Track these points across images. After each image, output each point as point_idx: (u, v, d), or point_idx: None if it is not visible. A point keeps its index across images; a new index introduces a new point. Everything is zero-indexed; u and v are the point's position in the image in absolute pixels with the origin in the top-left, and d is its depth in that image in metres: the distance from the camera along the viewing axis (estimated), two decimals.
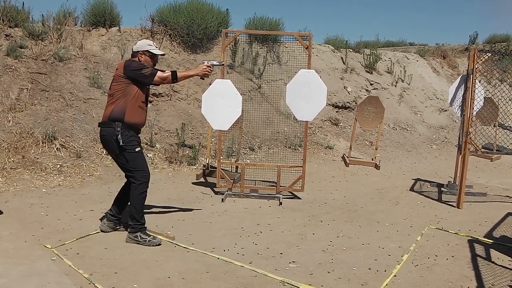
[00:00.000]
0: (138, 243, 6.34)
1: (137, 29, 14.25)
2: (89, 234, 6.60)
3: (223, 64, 8.02)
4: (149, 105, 12.18)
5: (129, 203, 6.63)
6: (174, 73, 6.63)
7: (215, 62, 7.23)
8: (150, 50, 6.56)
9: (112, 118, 6.34)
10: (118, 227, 6.86)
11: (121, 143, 6.28)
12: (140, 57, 6.53)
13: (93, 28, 13.69)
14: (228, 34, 9.52)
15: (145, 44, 6.60)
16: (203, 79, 7.16)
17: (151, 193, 8.71)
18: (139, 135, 6.65)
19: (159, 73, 6.51)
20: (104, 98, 11.53)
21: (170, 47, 14.16)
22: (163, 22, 14.40)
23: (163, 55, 7.04)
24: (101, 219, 7.10)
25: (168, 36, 14.34)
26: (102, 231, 6.76)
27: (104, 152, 10.15)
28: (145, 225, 6.59)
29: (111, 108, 6.36)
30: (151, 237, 6.42)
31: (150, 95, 12.46)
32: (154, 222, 7.18)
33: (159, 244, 6.33)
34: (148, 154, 10.70)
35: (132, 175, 6.52)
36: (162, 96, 12.75)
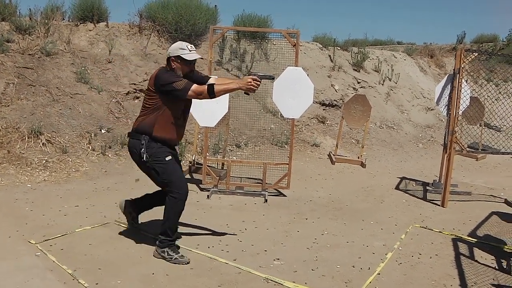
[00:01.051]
0: (165, 259, 5.77)
1: (125, 25, 14.20)
2: (74, 230, 6.57)
3: (273, 78, 6.35)
4: (135, 100, 12.24)
5: (163, 216, 5.95)
6: (211, 87, 5.69)
7: (261, 74, 5.96)
8: (182, 55, 5.80)
9: (140, 131, 5.85)
10: (135, 224, 6.71)
11: (143, 158, 5.78)
12: (172, 64, 5.84)
13: (80, 23, 13.62)
14: (216, 31, 9.52)
15: (176, 48, 5.86)
16: (248, 94, 5.96)
17: (136, 188, 8.75)
18: (175, 146, 6.18)
19: (194, 87, 5.67)
20: (91, 93, 11.53)
21: (158, 43, 14.12)
22: (151, 18, 14.36)
23: (200, 58, 6.13)
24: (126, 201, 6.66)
25: (156, 32, 14.30)
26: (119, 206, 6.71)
27: (90, 147, 10.12)
28: (175, 242, 6.05)
29: (141, 120, 5.87)
30: (179, 254, 5.81)
31: (137, 90, 12.45)
32: (140, 219, 7.15)
33: (188, 263, 5.73)
34: None
35: (168, 189, 5.91)
36: None
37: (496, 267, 6.17)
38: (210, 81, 6.19)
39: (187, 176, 9.96)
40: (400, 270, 5.94)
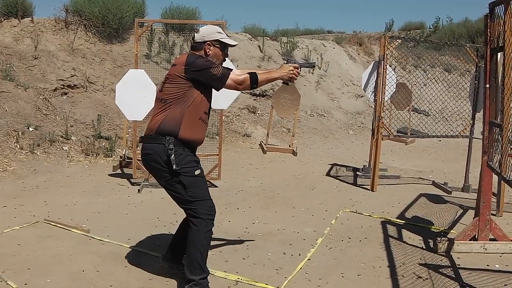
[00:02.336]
0: None
1: (51, 20, 13.94)
2: (2, 231, 6.41)
3: (313, 66, 6.11)
4: (64, 96, 12.07)
5: (188, 250, 4.81)
6: (253, 75, 4.88)
7: (302, 61, 5.49)
8: (222, 40, 4.93)
9: (162, 131, 4.70)
10: (174, 271, 5.23)
11: (174, 166, 4.62)
12: (207, 50, 4.87)
13: (4, 19, 13.32)
14: (142, 24, 9.45)
15: (213, 31, 4.95)
16: (287, 84, 5.31)
17: (66, 186, 8.63)
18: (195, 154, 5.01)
19: (233, 75, 4.84)
20: (17, 90, 11.28)
21: (85, 38, 13.94)
22: (77, 12, 14.14)
23: (236, 45, 5.22)
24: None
25: (83, 26, 14.09)
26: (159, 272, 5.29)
27: (18, 146, 9.92)
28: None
29: (162, 117, 4.73)
30: None
31: (65, 86, 12.27)
32: (69, 215, 7.06)
33: None
34: (63, 147, 10.53)
35: (192, 207, 4.79)
36: (78, 87, 12.55)
37: (424, 247, 6.32)
38: (243, 71, 5.08)
39: (118, 170, 9.88)
40: (330, 254, 6.01)
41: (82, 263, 5.50)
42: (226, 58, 5.07)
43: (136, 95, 8.42)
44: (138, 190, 8.63)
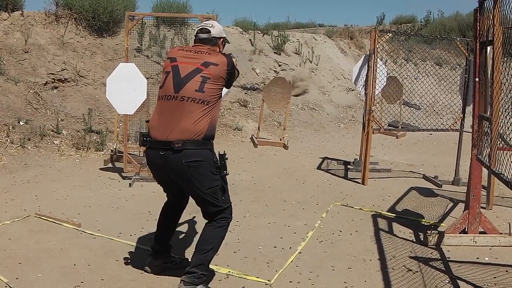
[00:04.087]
0: None
1: (41, 13, 13.87)
2: None
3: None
4: (54, 90, 12.05)
5: (203, 246, 4.76)
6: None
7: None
8: (227, 38, 5.21)
9: (208, 136, 4.58)
10: (167, 264, 5.22)
11: (226, 171, 4.73)
12: (221, 47, 5.03)
13: None
14: (133, 17, 9.43)
15: (222, 29, 5.08)
16: None
17: (57, 180, 8.63)
18: None
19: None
20: (7, 84, 11.25)
21: (75, 31, 13.90)
22: (68, 5, 14.09)
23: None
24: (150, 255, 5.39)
25: (73, 20, 14.04)
26: (146, 271, 5.19)
27: (9, 140, 9.90)
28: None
29: (208, 121, 4.56)
30: None
31: (56, 80, 12.25)
32: (60, 209, 7.07)
33: None
34: (54, 141, 10.51)
35: (222, 214, 4.79)
36: (68, 81, 12.53)
37: (414, 240, 6.35)
38: None
39: (109, 164, 9.88)
40: (321, 247, 6.03)
41: (73, 257, 5.51)
42: None
43: (126, 89, 8.41)
44: (129, 184, 8.63)
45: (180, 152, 4.46)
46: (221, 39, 4.96)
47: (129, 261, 5.42)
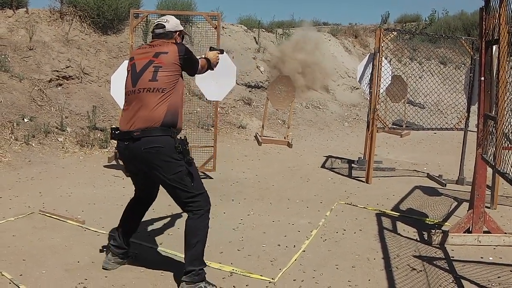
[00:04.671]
0: None
1: (46, 11, 13.86)
2: None
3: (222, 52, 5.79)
4: (58, 88, 12.05)
5: (189, 241, 4.79)
6: (209, 61, 5.34)
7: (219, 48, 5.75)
8: (184, 32, 5.31)
9: (168, 123, 4.64)
10: (125, 260, 5.28)
11: (184, 160, 4.67)
12: (178, 39, 5.13)
13: None
14: (137, 15, 9.43)
15: (178, 22, 5.21)
16: (212, 69, 5.49)
17: (61, 177, 8.63)
18: None
19: (201, 62, 5.19)
20: (12, 81, 11.24)
21: (80, 29, 13.87)
22: (72, 3, 14.07)
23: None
24: (106, 253, 5.39)
25: (78, 17, 14.02)
26: (105, 269, 5.16)
27: (13, 137, 9.90)
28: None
29: (165, 108, 4.64)
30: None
31: (60, 77, 12.25)
32: (64, 206, 7.06)
33: None
34: (58, 139, 10.51)
35: (195, 200, 4.77)
36: (73, 78, 12.52)
37: (418, 239, 6.34)
38: None
39: (114, 162, 9.87)
40: (325, 246, 6.03)
41: (78, 254, 5.50)
42: None
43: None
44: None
45: (139, 140, 4.60)
46: (177, 32, 5.12)
47: (133, 258, 5.41)
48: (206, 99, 10.51)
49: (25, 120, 10.47)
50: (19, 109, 10.67)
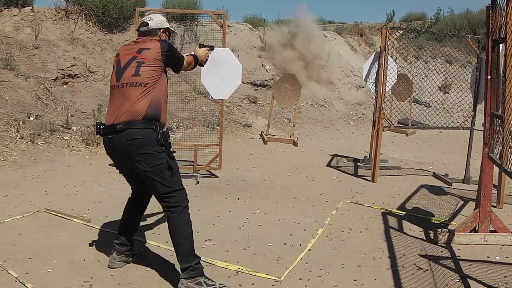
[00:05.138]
0: None
1: (51, 9, 13.87)
2: (3, 221, 6.39)
3: (213, 48, 6.00)
4: (64, 86, 12.06)
5: (175, 240, 4.76)
6: (194, 56, 5.44)
7: (209, 45, 5.85)
8: (171, 29, 5.35)
9: (149, 116, 4.68)
10: (130, 258, 5.30)
11: (166, 153, 4.74)
12: (162, 36, 5.19)
13: (4, 8, 13.26)
14: (143, 13, 9.43)
15: (164, 20, 5.29)
16: (202, 65, 5.79)
17: (67, 176, 8.63)
18: None
19: (186, 58, 5.27)
20: (18, 80, 11.24)
21: (85, 27, 13.88)
22: (78, 1, 14.06)
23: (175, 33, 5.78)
24: (112, 252, 5.30)
25: (83, 16, 14.04)
26: (111, 267, 5.16)
27: (19, 135, 9.90)
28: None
29: (148, 101, 4.70)
30: (219, 284, 4.73)
31: (65, 76, 12.26)
32: (70, 205, 7.07)
33: None
34: (64, 137, 10.52)
35: (173, 196, 4.76)
36: (78, 77, 12.53)
37: (424, 238, 6.33)
38: None
39: None
40: (331, 245, 6.02)
41: (83, 252, 5.51)
42: None
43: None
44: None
45: (122, 132, 4.64)
46: (161, 30, 5.18)
47: (139, 257, 5.41)
48: (211, 97, 10.50)
49: (31, 118, 10.47)
50: (25, 108, 10.68)
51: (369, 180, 9.26)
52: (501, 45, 6.01)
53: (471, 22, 24.68)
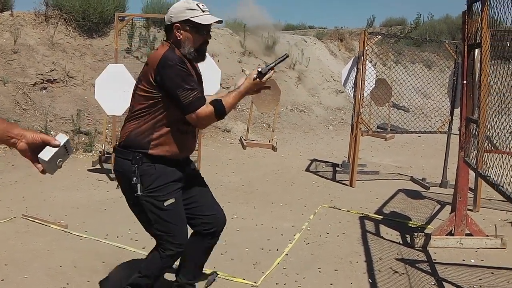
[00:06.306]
0: None
1: (31, 14, 13.80)
2: None
3: (286, 56, 4.17)
4: (43, 91, 12.00)
5: (140, 270, 4.14)
6: (218, 104, 3.75)
7: (270, 64, 3.97)
8: (193, 19, 3.76)
9: (130, 144, 3.80)
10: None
11: (138, 192, 3.78)
12: (177, 35, 3.80)
13: None
14: (123, 18, 9.43)
15: (182, 9, 3.77)
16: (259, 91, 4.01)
17: (45, 181, 8.58)
18: (181, 167, 4.02)
19: (202, 110, 3.70)
20: None
21: (65, 32, 13.85)
22: (57, 6, 14.04)
23: (219, 22, 3.94)
24: None
25: (63, 20, 13.99)
26: None
27: None
28: None
29: (132, 127, 3.82)
30: None
31: (45, 81, 12.20)
32: (47, 211, 7.03)
33: None
34: None
35: (161, 242, 4.01)
36: (57, 82, 12.48)
37: (401, 242, 6.37)
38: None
39: (98, 166, 9.84)
40: (308, 249, 6.04)
41: (60, 258, 5.48)
42: (207, 41, 3.98)
43: (115, 89, 8.39)
44: (117, 185, 8.58)
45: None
46: (175, 26, 3.80)
47: (116, 263, 5.40)
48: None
49: None
50: (3, 113, 10.62)
51: (347, 185, 9.30)
52: (476, 50, 6.07)
53: (450, 27, 24.90)
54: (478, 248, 6.17)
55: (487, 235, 6.30)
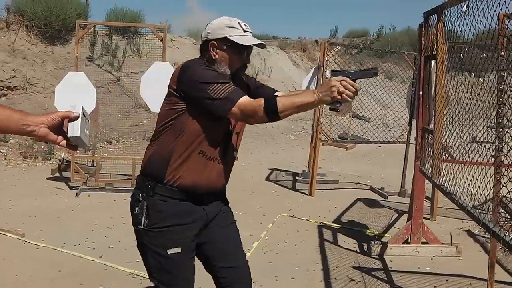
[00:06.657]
0: None
1: None
2: None
3: (376, 73, 3.39)
4: (3, 98, 11.88)
5: None
6: (271, 101, 2.96)
7: (357, 71, 3.20)
8: (231, 38, 3.13)
9: (145, 172, 3.19)
10: None
11: (141, 225, 3.11)
12: (213, 53, 3.16)
13: None
14: (84, 26, 9.40)
15: (221, 25, 3.20)
16: (337, 110, 3.00)
17: (3, 189, 8.52)
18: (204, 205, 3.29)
19: (243, 100, 2.96)
20: None
21: (26, 39, 13.76)
22: (19, 12, 13.96)
23: (261, 46, 3.26)
24: None
25: (24, 27, 13.91)
26: None
27: None
28: None
29: (150, 152, 3.20)
30: None
31: (4, 88, 12.08)
32: (4, 219, 6.96)
33: None
34: (1, 150, 10.38)
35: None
36: (17, 89, 12.39)
37: (358, 251, 6.44)
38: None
39: (57, 174, 9.76)
40: (266, 258, 6.06)
41: (16, 267, 5.44)
42: (246, 66, 3.31)
43: (75, 97, 8.34)
44: (76, 193, 8.56)
45: None
46: (210, 42, 3.19)
47: (72, 271, 5.37)
48: (152, 111, 10.48)
49: None
50: None
51: (307, 194, 9.35)
52: (433, 62, 6.16)
53: (411, 39, 25.12)
54: (434, 256, 6.25)
55: (443, 243, 6.39)
